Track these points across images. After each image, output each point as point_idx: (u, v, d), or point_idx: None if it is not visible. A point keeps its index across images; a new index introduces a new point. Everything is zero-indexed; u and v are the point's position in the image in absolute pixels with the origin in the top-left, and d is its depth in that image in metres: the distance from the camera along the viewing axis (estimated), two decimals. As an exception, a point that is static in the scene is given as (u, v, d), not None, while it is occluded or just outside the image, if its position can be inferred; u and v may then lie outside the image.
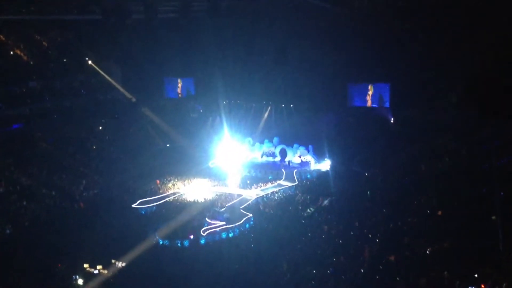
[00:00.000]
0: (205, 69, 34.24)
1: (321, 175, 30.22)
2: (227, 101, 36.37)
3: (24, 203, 25.46)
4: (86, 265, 19.01)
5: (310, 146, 32.90)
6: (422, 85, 29.25)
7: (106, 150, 33.26)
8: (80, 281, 18.23)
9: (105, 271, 19.00)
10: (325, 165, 31.10)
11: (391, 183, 25.98)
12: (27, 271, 18.43)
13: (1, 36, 32.53)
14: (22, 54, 33.36)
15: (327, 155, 31.07)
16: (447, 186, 23.50)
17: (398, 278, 16.86)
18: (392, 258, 18.39)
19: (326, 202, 25.10)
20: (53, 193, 27.06)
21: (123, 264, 19.37)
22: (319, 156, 32.12)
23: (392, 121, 32.32)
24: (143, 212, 25.58)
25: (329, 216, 23.20)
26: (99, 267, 19.02)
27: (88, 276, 18.59)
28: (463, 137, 27.90)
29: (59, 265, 19.27)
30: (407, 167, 27.38)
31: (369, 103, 33.21)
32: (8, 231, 22.85)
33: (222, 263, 19.04)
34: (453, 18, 25.91)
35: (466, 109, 27.87)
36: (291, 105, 34.88)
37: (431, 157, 27.46)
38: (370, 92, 33.02)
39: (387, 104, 32.79)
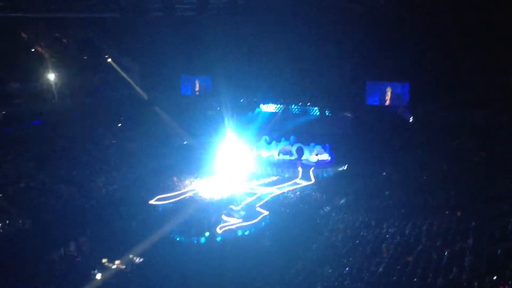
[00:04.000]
0: (222, 67, 34.25)
1: (338, 174, 30.09)
2: (243, 99, 36.38)
3: (44, 198, 25.84)
4: (104, 260, 19.24)
5: (327, 145, 32.76)
6: (442, 84, 28.81)
7: (124, 147, 33.57)
8: (99, 276, 18.47)
9: (123, 266, 19.22)
10: (342, 164, 30.89)
11: (409, 183, 25.75)
12: (46, 266, 18.73)
13: (22, 34, 33.00)
14: (42, 52, 33.80)
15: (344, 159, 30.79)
16: (466, 186, 23.22)
17: (415, 279, 16.73)
18: (409, 258, 18.26)
19: (342, 201, 24.99)
20: (72, 189, 27.41)
21: (141, 260, 19.58)
22: (336, 155, 31.95)
23: (411, 120, 31.95)
24: (160, 209, 25.78)
25: (345, 215, 23.10)
26: (117, 262, 19.24)
27: (106, 271, 18.82)
28: (483, 137, 27.49)
29: (77, 259, 19.56)
30: (426, 166, 27.10)
31: (387, 102, 32.84)
32: (27, 226, 23.21)
33: (238, 260, 19.09)
34: (475, 14, 25.45)
35: (487, 108, 27.50)
36: (308, 103, 34.68)
37: (450, 157, 27.14)
38: (389, 91, 32.65)
39: (406, 103, 32.38)
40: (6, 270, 18.34)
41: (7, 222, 23.12)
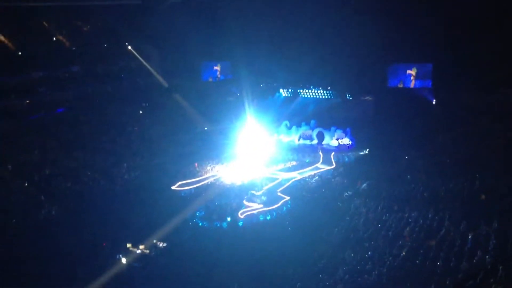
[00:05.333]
0: (242, 52, 34.11)
1: (360, 158, 29.87)
2: (263, 84, 36.29)
3: (69, 185, 26.42)
4: (129, 245, 19.63)
5: (348, 129, 32.49)
6: (466, 65, 28.10)
7: (146, 133, 33.97)
8: (124, 260, 18.87)
9: (147, 251, 19.59)
10: (364, 148, 30.61)
11: (432, 167, 25.43)
12: (73, 251, 19.18)
13: (44, 23, 33.48)
14: (64, 40, 34.27)
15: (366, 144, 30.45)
16: (490, 169, 22.84)
17: (438, 263, 16.64)
18: (432, 242, 18.15)
19: (364, 185, 24.85)
20: (96, 175, 27.93)
21: (164, 244, 19.92)
22: (357, 139, 31.68)
23: (434, 103, 31.39)
24: (182, 194, 26.09)
25: (367, 200, 22.99)
26: (141, 246, 19.61)
27: (131, 255, 19.21)
28: (509, 118, 26.90)
29: (104, 244, 20.00)
30: (449, 150, 26.69)
31: (411, 84, 32.29)
32: (54, 212, 23.79)
33: (259, 245, 19.22)
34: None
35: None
36: (329, 87, 34.35)
37: (475, 139, 26.66)
38: (412, 73, 32.06)
39: (429, 85, 31.80)
40: (34, 255, 18.86)
41: (35, 208, 23.79)
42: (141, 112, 36.08)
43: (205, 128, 35.86)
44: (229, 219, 22.49)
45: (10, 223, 22.27)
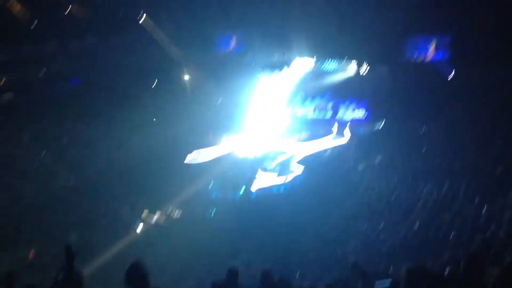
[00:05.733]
0: (256, 19, 33.49)
1: (375, 131, 29.60)
2: (278, 54, 35.80)
3: (86, 154, 26.77)
4: (144, 213, 19.99)
5: (363, 101, 32.06)
6: (488, 37, 27.23)
7: (161, 104, 34.01)
8: (140, 227, 19.26)
9: (162, 220, 19.94)
10: (379, 121, 30.26)
11: (449, 139, 25.11)
12: (91, 220, 19.61)
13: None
14: (76, 11, 34.07)
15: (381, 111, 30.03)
16: (509, 142, 22.48)
17: (452, 235, 16.60)
18: (446, 215, 18.07)
19: (378, 158, 24.73)
20: (112, 145, 28.23)
21: (179, 213, 20.23)
22: (372, 111, 31.25)
23: (452, 76, 30.67)
24: (196, 164, 26.27)
25: (381, 172, 22.92)
26: (156, 215, 19.95)
27: (146, 223, 19.58)
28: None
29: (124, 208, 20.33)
30: (467, 122, 26.23)
31: (429, 57, 31.52)
32: (71, 182, 24.20)
33: (272, 217, 19.41)
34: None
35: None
36: (346, 57, 33.69)
37: (493, 113, 26.14)
38: (431, 45, 31.24)
39: (447, 57, 30.98)
40: (52, 224, 19.31)
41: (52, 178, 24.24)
42: (154, 84, 36.01)
43: (219, 99, 35.74)
44: (242, 190, 22.66)
45: (28, 191, 22.74)
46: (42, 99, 29.82)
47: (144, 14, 35.89)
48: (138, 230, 19.32)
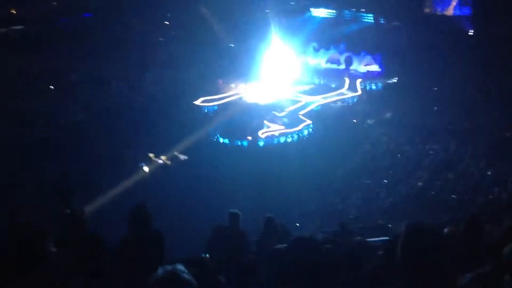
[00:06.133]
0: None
1: (387, 86, 29.15)
2: (293, 1, 34.82)
3: (95, 92, 26.76)
4: (151, 155, 20.17)
5: (378, 55, 31.36)
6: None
7: (172, 46, 33.53)
8: (146, 168, 19.50)
9: (168, 162, 20.15)
10: (392, 76, 29.69)
11: (461, 101, 24.71)
12: (98, 156, 19.84)
13: None
14: None
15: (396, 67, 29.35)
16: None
17: (454, 196, 16.74)
18: (450, 175, 18.14)
19: (388, 115, 24.52)
20: (122, 85, 28.15)
21: (185, 157, 20.41)
22: (386, 67, 30.62)
23: (472, 34, 29.66)
24: (205, 110, 26.26)
25: (389, 130, 22.81)
26: (163, 157, 20.14)
27: (152, 164, 19.82)
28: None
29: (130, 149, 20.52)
30: (481, 84, 25.69)
31: (449, 11, 30.35)
32: (79, 117, 24.31)
33: (277, 166, 19.51)
34: None
35: None
36: (362, 9, 32.72)
37: (509, 75, 25.53)
38: (449, 2, 30.03)
39: (468, 13, 29.83)
40: (58, 158, 19.56)
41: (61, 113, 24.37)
42: (166, 23, 35.32)
43: (231, 45, 35.12)
44: (249, 138, 22.70)
45: (37, 125, 22.95)
46: (53, 33, 29.51)
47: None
48: (143, 170, 19.56)
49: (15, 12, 28.73)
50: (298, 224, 14.01)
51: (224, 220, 7.94)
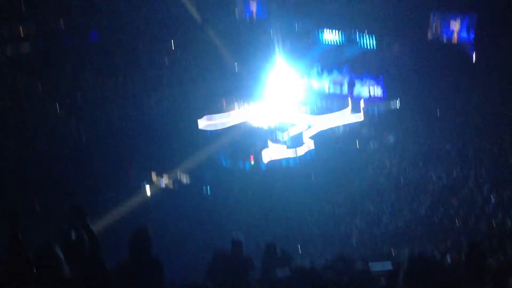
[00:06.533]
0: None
1: (390, 110, 29.18)
2: (298, 24, 35.14)
3: (99, 112, 26.87)
4: (153, 175, 20.14)
5: (380, 77, 31.48)
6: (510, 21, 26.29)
7: (175, 67, 33.81)
8: (147, 189, 19.45)
9: (170, 181, 20.10)
10: (395, 100, 29.74)
11: (464, 125, 24.70)
12: (101, 176, 19.83)
13: None
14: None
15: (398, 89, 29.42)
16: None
17: (457, 222, 16.56)
18: (453, 200, 17.99)
19: (391, 138, 24.50)
20: (127, 104, 28.29)
21: (187, 178, 20.37)
22: (389, 90, 30.70)
23: (475, 58, 29.82)
24: (208, 131, 26.29)
25: (392, 153, 22.76)
26: (165, 177, 20.10)
27: (154, 185, 19.77)
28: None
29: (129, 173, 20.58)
30: (485, 108, 25.71)
31: (454, 37, 30.57)
32: (84, 139, 24.39)
33: (280, 188, 19.46)
34: None
35: None
36: (365, 31, 32.98)
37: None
38: (455, 23, 30.26)
39: (472, 38, 30.04)
40: (60, 176, 19.57)
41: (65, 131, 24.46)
42: (172, 46, 35.68)
43: (235, 63, 35.36)
44: (252, 159, 22.67)
45: (40, 144, 23.02)
46: (59, 52, 29.77)
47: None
48: (146, 192, 19.51)
49: (21, 31, 29.06)
50: (300, 249, 13.83)
51: (226, 245, 7.87)
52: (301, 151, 23.62)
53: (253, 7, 37.89)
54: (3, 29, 28.06)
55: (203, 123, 26.58)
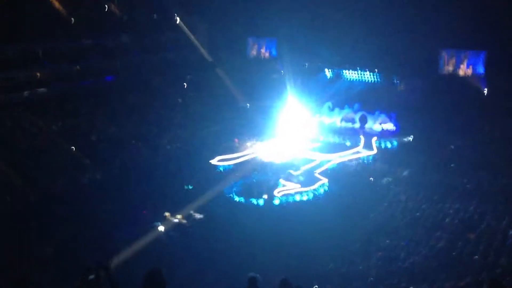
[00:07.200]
0: (289, 29, 33.71)
1: (402, 145, 29.14)
2: (308, 63, 35.80)
3: (113, 152, 27.25)
4: (167, 214, 20.13)
5: (392, 114, 31.64)
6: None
7: (189, 106, 34.39)
8: (161, 228, 19.40)
9: (184, 221, 20.05)
10: (408, 134, 29.74)
11: (478, 158, 24.48)
12: (115, 216, 19.86)
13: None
14: (114, 9, 34.79)
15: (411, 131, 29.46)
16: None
17: (476, 257, 16.21)
18: (471, 235, 17.66)
19: (405, 173, 24.34)
20: (139, 144, 28.67)
21: (201, 216, 20.33)
22: (401, 125, 30.78)
23: (485, 92, 29.94)
24: (221, 169, 26.43)
25: (407, 188, 22.56)
26: (178, 216, 20.08)
27: (168, 224, 19.73)
28: None
29: (144, 212, 20.61)
30: (498, 142, 25.57)
31: (462, 72, 30.87)
32: (98, 177, 24.65)
33: (294, 225, 19.27)
34: None
35: None
36: (376, 70, 33.47)
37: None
38: (464, 59, 30.61)
39: (481, 73, 30.32)
40: (75, 217, 19.68)
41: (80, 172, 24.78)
42: (185, 85, 36.43)
43: (247, 105, 35.88)
44: (265, 196, 22.62)
45: (54, 184, 23.29)
46: (75, 94, 30.55)
47: (177, 18, 36.47)
48: (160, 229, 19.46)
49: (39, 75, 29.98)
50: (316, 287, 13.57)
51: (241, 283, 7.82)
52: (314, 186, 23.55)
53: (264, 47, 38.83)
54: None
55: (217, 161, 26.76)
